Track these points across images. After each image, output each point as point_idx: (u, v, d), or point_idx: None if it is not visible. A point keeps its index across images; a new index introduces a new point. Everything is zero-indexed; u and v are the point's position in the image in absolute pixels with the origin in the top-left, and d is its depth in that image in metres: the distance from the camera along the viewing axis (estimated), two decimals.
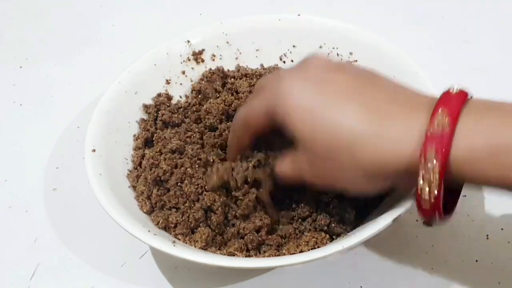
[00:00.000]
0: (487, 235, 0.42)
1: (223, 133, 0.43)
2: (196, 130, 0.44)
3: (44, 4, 0.68)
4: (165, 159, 0.40)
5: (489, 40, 0.58)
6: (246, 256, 0.38)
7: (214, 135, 0.43)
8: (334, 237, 0.38)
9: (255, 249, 0.38)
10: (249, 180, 0.38)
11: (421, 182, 0.31)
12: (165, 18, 0.65)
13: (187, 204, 0.39)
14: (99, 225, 0.44)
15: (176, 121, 0.45)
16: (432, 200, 0.31)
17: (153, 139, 0.44)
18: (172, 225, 0.39)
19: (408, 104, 0.32)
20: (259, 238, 0.38)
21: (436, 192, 0.30)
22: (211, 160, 0.40)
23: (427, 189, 0.31)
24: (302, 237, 0.38)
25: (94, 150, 0.41)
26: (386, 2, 0.63)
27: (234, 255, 0.37)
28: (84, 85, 0.57)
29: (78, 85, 0.57)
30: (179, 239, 0.38)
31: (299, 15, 0.49)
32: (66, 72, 0.59)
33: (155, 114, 0.46)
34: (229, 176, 0.38)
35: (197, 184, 0.39)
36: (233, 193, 0.38)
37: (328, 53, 0.48)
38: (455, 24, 0.61)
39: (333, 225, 0.38)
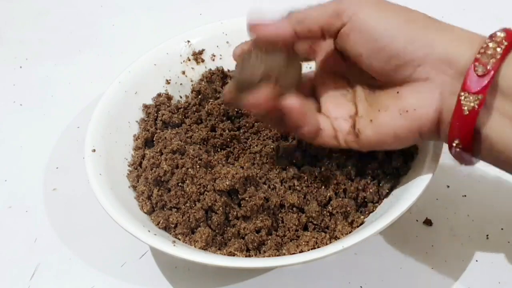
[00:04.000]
0: (487, 235, 0.42)
1: (223, 133, 0.43)
2: (197, 131, 0.44)
3: (44, 4, 0.68)
4: (166, 159, 0.40)
5: None
6: (246, 256, 0.38)
7: (215, 135, 0.43)
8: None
9: (255, 249, 0.38)
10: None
11: (481, 51, 0.31)
12: (165, 18, 0.65)
13: (187, 204, 0.39)
14: (99, 225, 0.44)
15: (176, 121, 0.45)
16: (489, 68, 0.31)
17: (153, 139, 0.44)
18: (173, 225, 0.39)
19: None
20: (259, 238, 0.38)
21: (496, 59, 0.31)
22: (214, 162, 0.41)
23: (486, 58, 0.31)
24: (302, 237, 0.38)
25: (94, 150, 0.41)
26: None
27: (234, 255, 0.37)
28: (84, 85, 0.57)
29: (78, 85, 0.57)
30: (179, 239, 0.38)
31: None
32: (66, 72, 0.59)
33: (155, 114, 0.46)
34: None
35: (199, 184, 0.39)
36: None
37: None
38: (455, 24, 0.61)
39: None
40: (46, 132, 0.53)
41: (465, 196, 0.44)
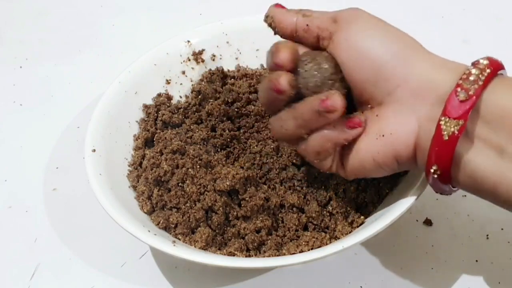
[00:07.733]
0: (487, 235, 0.42)
1: (223, 133, 0.43)
2: (197, 131, 0.44)
3: (44, 4, 0.68)
4: (166, 160, 0.40)
5: (489, 40, 0.58)
6: (246, 256, 0.38)
7: (215, 135, 0.43)
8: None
9: (255, 249, 0.38)
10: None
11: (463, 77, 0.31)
12: (165, 18, 0.65)
13: (188, 204, 0.39)
14: (99, 225, 0.44)
15: (176, 122, 0.45)
16: (471, 93, 0.30)
17: (154, 139, 0.44)
18: (173, 225, 0.39)
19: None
20: (260, 239, 0.38)
21: (479, 85, 0.30)
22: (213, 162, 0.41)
23: (471, 79, 0.31)
24: (302, 237, 0.38)
25: (94, 150, 0.41)
26: (385, 2, 0.63)
27: (234, 255, 0.37)
28: (84, 85, 0.57)
29: (78, 85, 0.57)
30: (179, 239, 0.38)
31: None
32: (66, 72, 0.59)
33: (155, 114, 0.46)
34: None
35: (199, 184, 0.39)
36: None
37: None
38: (455, 24, 0.61)
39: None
40: (46, 132, 0.53)
41: (465, 196, 0.44)
